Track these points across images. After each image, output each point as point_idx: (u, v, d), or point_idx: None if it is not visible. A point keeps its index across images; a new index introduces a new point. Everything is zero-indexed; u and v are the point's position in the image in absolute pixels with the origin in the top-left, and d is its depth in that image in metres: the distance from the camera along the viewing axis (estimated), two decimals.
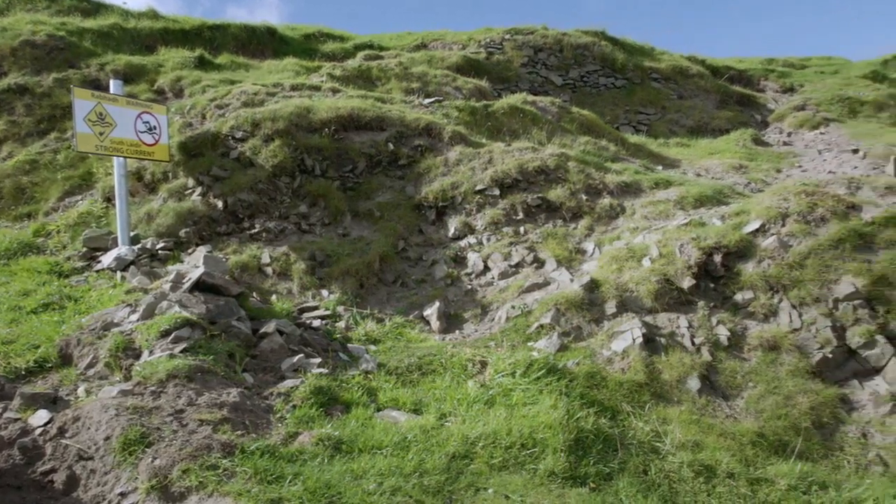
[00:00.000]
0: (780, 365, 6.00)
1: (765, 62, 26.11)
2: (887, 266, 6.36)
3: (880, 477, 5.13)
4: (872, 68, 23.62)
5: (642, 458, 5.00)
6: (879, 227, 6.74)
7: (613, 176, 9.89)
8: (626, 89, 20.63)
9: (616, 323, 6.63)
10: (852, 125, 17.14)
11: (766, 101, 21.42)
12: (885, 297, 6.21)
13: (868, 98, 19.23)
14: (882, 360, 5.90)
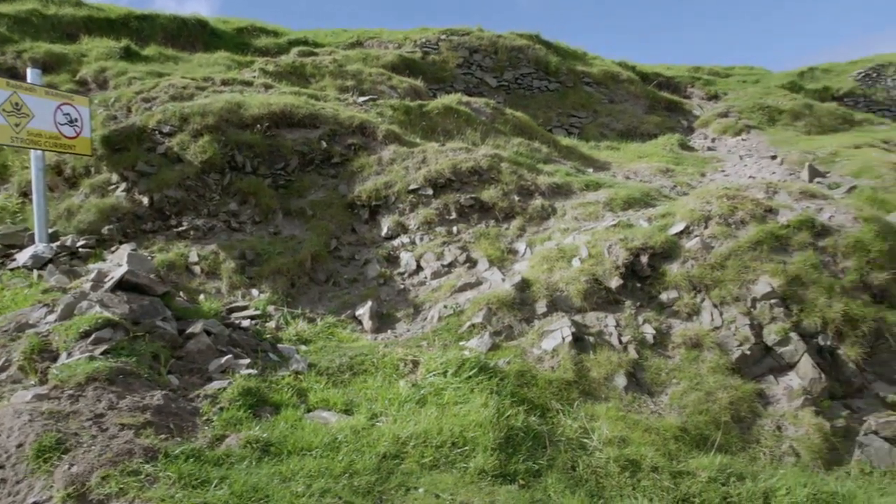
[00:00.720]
0: (702, 362, 6.36)
1: (691, 70, 27.37)
2: (800, 267, 6.84)
3: (792, 467, 5.53)
4: (790, 79, 25.15)
5: (570, 455, 5.22)
6: (794, 229, 7.24)
7: (545, 177, 10.19)
8: (559, 92, 21.22)
9: (546, 322, 6.86)
10: (771, 132, 18.22)
11: (693, 108, 22.46)
12: (799, 297, 6.69)
13: (786, 107, 20.47)
14: (795, 356, 6.35)
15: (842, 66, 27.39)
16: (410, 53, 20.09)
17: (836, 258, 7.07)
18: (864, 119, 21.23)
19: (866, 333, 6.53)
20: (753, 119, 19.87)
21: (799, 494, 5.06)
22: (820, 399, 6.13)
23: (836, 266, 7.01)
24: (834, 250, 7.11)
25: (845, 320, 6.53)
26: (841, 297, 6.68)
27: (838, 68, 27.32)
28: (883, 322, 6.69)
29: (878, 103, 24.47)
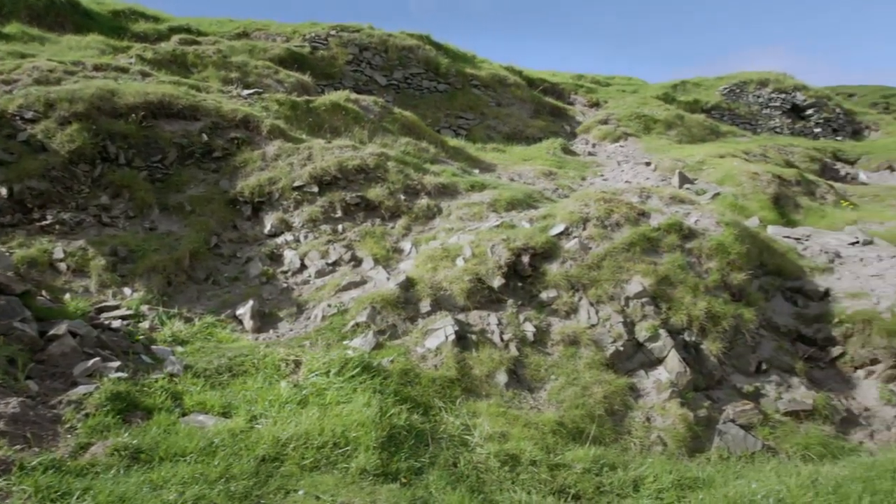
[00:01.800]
0: (580, 358, 6.76)
1: (575, 77, 28.68)
2: (669, 267, 7.44)
3: (660, 455, 6.00)
4: (665, 90, 26.94)
5: (452, 452, 5.39)
6: (664, 232, 7.85)
7: (432, 177, 10.40)
8: (447, 94, 21.62)
9: (430, 321, 7.04)
10: (647, 140, 19.48)
11: (576, 114, 23.56)
12: (668, 295, 7.27)
13: (660, 117, 21.94)
14: (664, 351, 6.89)
15: (710, 81, 29.62)
16: (299, 48, 19.82)
17: (700, 259, 7.74)
18: (729, 131, 23.16)
19: (726, 329, 7.20)
20: (631, 127, 21.13)
21: (665, 481, 5.49)
22: (685, 391, 6.68)
23: (701, 267, 7.67)
24: (699, 252, 7.78)
25: (708, 317, 7.17)
26: (704, 295, 7.33)
27: (707, 83, 29.52)
28: (741, 319, 7.40)
29: (740, 117, 26.74)
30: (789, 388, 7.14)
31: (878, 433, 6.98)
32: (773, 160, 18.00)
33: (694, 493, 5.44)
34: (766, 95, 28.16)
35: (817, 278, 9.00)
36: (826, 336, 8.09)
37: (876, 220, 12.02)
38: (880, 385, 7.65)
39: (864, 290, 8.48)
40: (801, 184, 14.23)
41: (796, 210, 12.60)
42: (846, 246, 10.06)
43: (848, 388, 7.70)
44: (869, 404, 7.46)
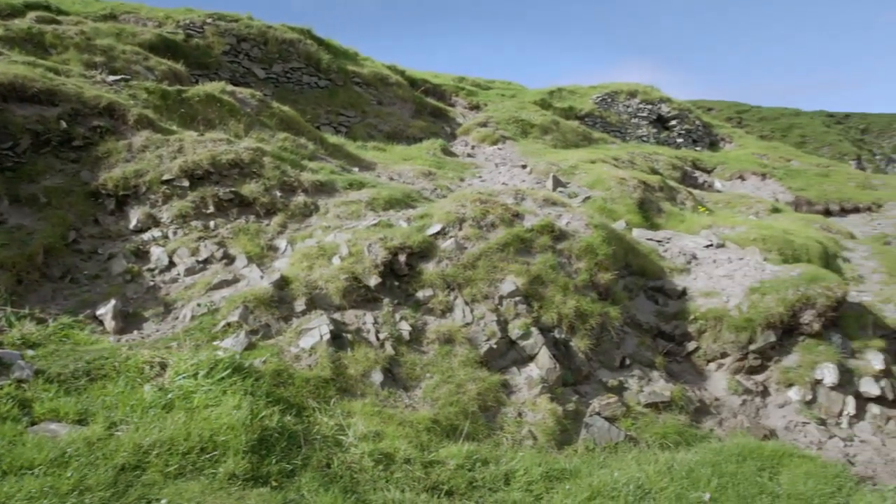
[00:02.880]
0: (454, 356, 6.90)
1: (457, 80, 29.15)
2: (541, 267, 7.75)
3: (530, 449, 6.24)
4: (542, 96, 27.94)
5: (326, 452, 5.35)
6: (537, 233, 8.16)
7: (309, 174, 10.25)
8: (328, 90, 21.34)
9: (305, 320, 6.94)
10: (524, 144, 20.14)
11: (456, 116, 23.95)
12: (539, 294, 7.57)
13: (537, 122, 22.74)
14: (535, 348, 7.17)
15: (584, 90, 31.04)
16: (172, 34, 18.84)
17: (571, 260, 8.12)
18: (600, 138, 24.40)
19: (593, 327, 7.60)
20: (509, 130, 21.76)
21: (535, 473, 5.72)
22: (555, 386, 6.99)
23: (571, 267, 8.04)
24: (569, 253, 8.16)
25: (577, 315, 7.54)
26: (574, 294, 7.69)
27: (581, 91, 30.91)
28: (607, 317, 7.83)
29: (611, 125, 28.22)
30: (650, 382, 7.63)
31: (726, 421, 7.61)
32: (639, 167, 19.15)
33: (561, 483, 5.71)
34: (634, 105, 29.87)
35: (676, 278, 9.68)
36: (683, 332, 8.73)
37: (728, 225, 13.07)
38: (728, 376, 8.34)
39: (716, 290, 9.22)
40: (663, 190, 15.24)
41: (659, 214, 13.47)
42: (702, 248, 10.89)
43: (701, 380, 8.34)
44: (719, 394, 8.12)
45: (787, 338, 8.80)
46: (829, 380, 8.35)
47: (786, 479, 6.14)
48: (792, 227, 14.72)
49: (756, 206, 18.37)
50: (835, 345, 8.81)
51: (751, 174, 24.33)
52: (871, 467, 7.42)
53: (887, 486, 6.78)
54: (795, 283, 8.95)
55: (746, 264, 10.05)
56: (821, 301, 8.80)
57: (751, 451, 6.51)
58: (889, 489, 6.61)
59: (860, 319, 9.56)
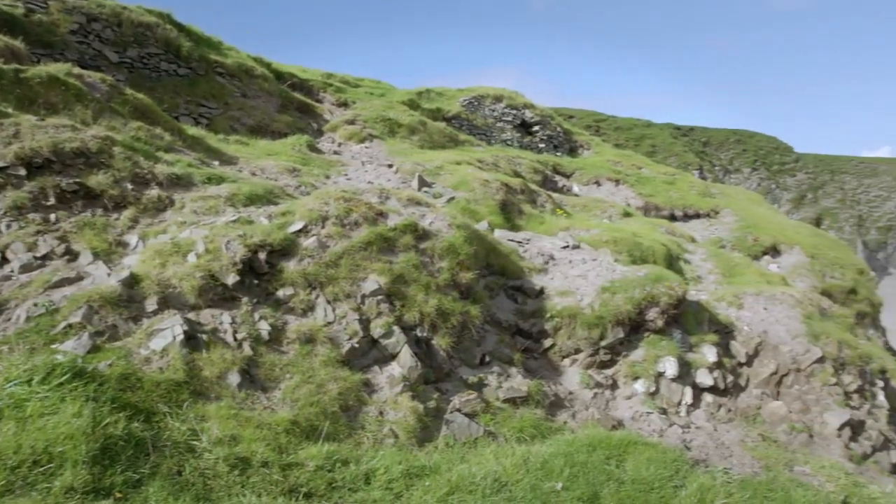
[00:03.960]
0: (315, 356, 6.81)
1: (325, 76, 28.69)
2: (404, 266, 7.82)
3: (391, 448, 6.27)
4: (410, 97, 28.14)
5: (177, 459, 5.12)
6: (400, 232, 8.22)
7: (165, 167, 9.74)
8: (189, 79, 20.28)
9: (157, 320, 6.59)
10: (391, 143, 20.19)
11: (323, 112, 23.59)
12: (402, 293, 7.63)
13: (405, 122, 22.87)
14: (397, 347, 7.22)
15: (452, 92, 31.59)
16: (10, 7, 17.11)
17: (433, 259, 8.25)
18: (467, 140, 24.92)
19: (455, 325, 7.77)
20: (377, 129, 21.72)
21: (395, 471, 5.77)
22: (416, 384, 7.07)
23: (434, 266, 8.17)
24: (432, 252, 8.28)
25: (439, 314, 7.67)
26: (436, 293, 7.82)
27: (450, 93, 31.43)
28: (468, 315, 8.03)
29: (477, 128, 28.92)
30: (508, 378, 7.90)
31: (579, 413, 8.02)
32: (503, 169, 19.75)
33: (421, 480, 5.80)
34: (500, 110, 30.77)
35: (535, 278, 10.09)
36: (540, 330, 9.11)
37: (584, 228, 13.78)
38: (581, 371, 8.80)
39: (571, 289, 9.70)
40: (525, 192, 15.82)
41: (520, 216, 13.97)
42: (559, 249, 11.41)
43: (556, 376, 8.74)
44: (572, 388, 8.54)
45: (634, 334, 9.42)
46: (671, 372, 9.03)
47: (631, 465, 6.57)
48: (641, 230, 15.76)
49: (610, 210, 19.50)
50: (676, 340, 9.54)
51: (606, 180, 25.79)
52: (704, 451, 8.09)
53: (717, 467, 7.42)
54: (642, 282, 9.60)
55: (599, 265, 10.66)
56: (664, 300, 9.49)
57: (600, 441, 6.91)
58: (718, 469, 7.25)
59: (698, 316, 10.41)
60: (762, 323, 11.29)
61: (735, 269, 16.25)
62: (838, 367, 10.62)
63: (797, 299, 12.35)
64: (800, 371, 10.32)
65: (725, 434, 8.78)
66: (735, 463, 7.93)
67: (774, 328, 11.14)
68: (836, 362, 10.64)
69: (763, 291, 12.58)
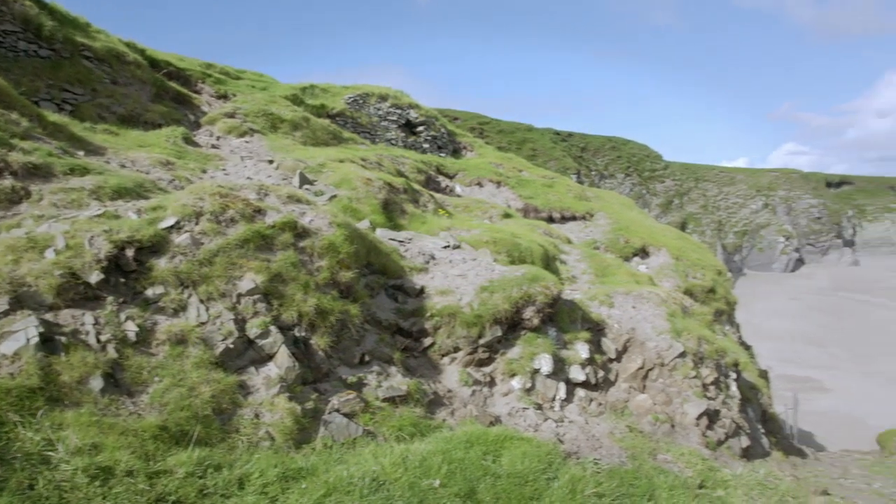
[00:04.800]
0: (187, 358, 6.51)
1: (204, 66, 27.52)
2: (282, 265, 7.63)
3: (267, 451, 6.12)
4: (294, 92, 27.55)
5: (29, 472, 4.76)
6: (279, 230, 8.02)
7: (20, 155, 9.01)
8: (52, 61, 18.80)
9: (8, 322, 6.08)
10: (272, 138, 19.67)
11: (201, 104, 22.64)
12: (280, 292, 7.45)
13: (287, 117, 22.35)
14: (274, 347, 7.04)
15: (337, 89, 31.22)
16: None
17: (313, 258, 8.11)
18: (350, 138, 24.71)
19: (334, 324, 7.68)
20: (258, 124, 21.10)
21: (270, 475, 5.62)
22: (294, 385, 6.92)
23: (313, 265, 8.04)
24: (311, 251, 8.14)
25: (317, 313, 7.56)
26: (315, 292, 7.69)
27: (335, 90, 31.05)
28: (347, 314, 7.96)
29: (362, 126, 28.76)
30: (388, 377, 7.90)
31: (457, 411, 8.14)
32: (386, 169, 19.73)
33: (298, 483, 5.69)
34: (385, 109, 30.73)
35: (415, 277, 10.15)
36: (420, 328, 9.18)
37: (465, 228, 14.01)
38: (460, 369, 8.95)
39: (451, 288, 9.84)
40: (408, 192, 15.87)
41: (402, 215, 14.00)
42: (440, 249, 11.54)
43: (436, 374, 8.84)
44: (452, 386, 8.67)
45: (511, 332, 9.69)
46: (545, 369, 9.36)
47: (506, 460, 6.74)
48: (520, 231, 16.23)
49: (491, 211, 19.95)
50: (551, 337, 9.89)
51: (488, 181, 26.37)
52: (576, 444, 8.44)
53: (588, 458, 7.77)
54: (519, 282, 9.88)
55: (479, 264, 10.88)
56: (540, 298, 9.82)
57: (477, 437, 7.06)
58: (589, 461, 7.59)
59: (572, 314, 10.84)
60: (631, 320, 11.93)
61: (607, 270, 17.08)
62: (697, 361, 11.40)
63: (662, 298, 13.14)
64: (664, 365, 10.99)
65: (596, 427, 9.21)
66: (604, 454, 8.33)
67: (642, 325, 11.80)
68: (695, 356, 11.41)
69: (632, 291, 13.30)
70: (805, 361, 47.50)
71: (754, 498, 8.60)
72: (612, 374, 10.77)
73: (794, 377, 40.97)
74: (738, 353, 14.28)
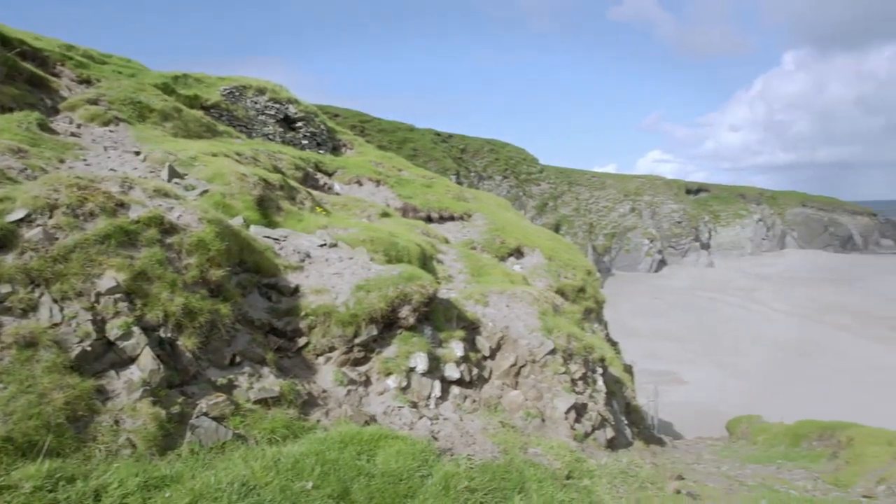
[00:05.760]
0: (38, 362, 6.06)
1: (64, 47, 25.56)
2: (147, 262, 7.25)
3: (128, 459, 5.79)
4: (165, 80, 26.20)
5: None
6: (144, 225, 7.62)
7: None
8: None
9: None
10: (140, 129, 18.62)
11: (61, 88, 21.05)
12: (144, 291, 7.08)
13: (157, 106, 21.23)
14: (137, 349, 6.68)
15: (212, 80, 29.98)
16: None
17: (181, 255, 7.76)
18: (226, 131, 23.83)
19: (203, 324, 7.38)
20: (124, 112, 19.90)
21: (130, 484, 5.34)
22: (158, 389, 6.60)
23: (181, 262, 7.69)
24: (180, 248, 7.79)
25: (185, 313, 7.24)
26: (183, 291, 7.37)
27: (210, 80, 29.79)
28: (217, 314, 7.68)
29: (238, 119, 27.79)
30: (260, 378, 7.70)
31: (332, 411, 8.07)
32: (263, 164, 19.19)
33: (161, 491, 5.43)
34: (262, 102, 29.86)
35: (290, 276, 9.96)
36: (294, 328, 9.02)
37: (342, 226, 13.87)
38: (336, 369, 8.88)
39: (327, 287, 9.74)
40: (284, 189, 15.51)
41: (278, 212, 13.66)
42: (316, 247, 11.38)
43: (311, 374, 8.72)
44: (326, 386, 8.58)
45: (387, 331, 9.72)
46: (421, 367, 9.46)
47: (381, 459, 6.76)
48: (398, 230, 16.27)
49: (369, 209, 19.87)
50: (426, 336, 10.01)
51: (367, 180, 26.24)
52: (450, 440, 8.59)
53: (462, 454, 7.93)
54: (396, 281, 9.92)
55: (355, 263, 10.82)
56: (416, 297, 9.91)
57: (352, 437, 7.02)
58: (462, 457, 7.74)
59: (447, 313, 11.02)
60: (505, 319, 12.28)
61: (483, 270, 17.46)
62: (567, 358, 11.91)
63: (535, 297, 13.62)
64: (535, 362, 11.39)
65: (470, 423, 9.40)
66: (478, 449, 8.52)
67: (515, 324, 12.18)
68: (565, 353, 11.91)
69: (506, 290, 13.69)
70: (666, 356, 50.70)
71: (617, 486, 9.10)
72: (487, 371, 11.05)
73: (655, 371, 43.62)
74: (605, 350, 15.04)
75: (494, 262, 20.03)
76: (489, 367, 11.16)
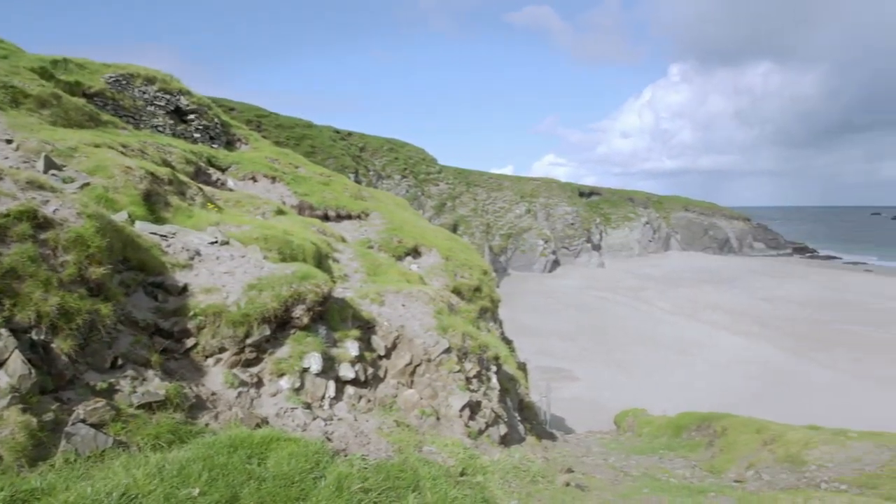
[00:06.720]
0: None
1: None
2: (18, 259, 6.76)
3: None
4: (43, 64, 24.53)
5: None
6: (14, 220, 7.10)
7: None
8: None
9: None
10: (14, 115, 17.32)
11: None
12: (14, 290, 6.60)
13: (33, 92, 19.83)
14: (6, 353, 6.22)
15: (96, 66, 28.33)
16: None
17: (56, 252, 7.29)
18: (111, 121, 22.55)
19: (81, 326, 6.96)
20: None
21: None
22: (29, 395, 6.17)
23: (57, 260, 7.22)
24: (55, 244, 7.31)
25: (61, 314, 6.80)
26: (58, 290, 6.92)
27: (93, 67, 28.14)
28: (97, 314, 7.27)
29: (125, 109, 26.40)
30: (144, 381, 7.36)
31: (222, 414, 7.83)
32: (151, 157, 18.34)
33: None
34: (151, 93, 28.51)
35: (178, 274, 9.57)
36: (182, 329, 8.68)
37: (235, 224, 13.47)
38: (226, 370, 8.62)
39: (218, 286, 9.43)
40: (174, 183, 14.88)
41: (167, 208, 13.09)
42: (207, 245, 11.00)
43: (199, 376, 8.42)
44: (216, 389, 8.31)
45: (280, 331, 9.52)
46: (315, 367, 9.34)
47: (272, 462, 6.62)
48: (293, 228, 15.98)
49: (264, 206, 19.39)
50: (321, 336, 9.89)
51: (263, 176, 25.60)
52: (344, 441, 8.53)
53: (356, 454, 7.88)
54: (290, 280, 9.74)
55: (248, 262, 10.53)
56: (310, 297, 9.76)
57: (242, 440, 6.84)
58: (357, 457, 7.70)
59: (342, 313, 10.93)
60: (400, 318, 12.32)
61: (380, 269, 17.44)
62: (462, 356, 12.08)
63: (431, 296, 13.73)
64: (430, 361, 11.49)
65: (365, 423, 9.37)
66: (372, 449, 8.50)
67: (411, 323, 12.23)
68: (460, 352, 12.08)
69: (402, 289, 13.73)
70: (558, 353, 52.40)
71: (510, 481, 9.33)
72: (382, 370, 11.04)
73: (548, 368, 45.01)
74: (500, 348, 15.36)
75: (391, 261, 20.03)
76: (385, 367, 11.15)
